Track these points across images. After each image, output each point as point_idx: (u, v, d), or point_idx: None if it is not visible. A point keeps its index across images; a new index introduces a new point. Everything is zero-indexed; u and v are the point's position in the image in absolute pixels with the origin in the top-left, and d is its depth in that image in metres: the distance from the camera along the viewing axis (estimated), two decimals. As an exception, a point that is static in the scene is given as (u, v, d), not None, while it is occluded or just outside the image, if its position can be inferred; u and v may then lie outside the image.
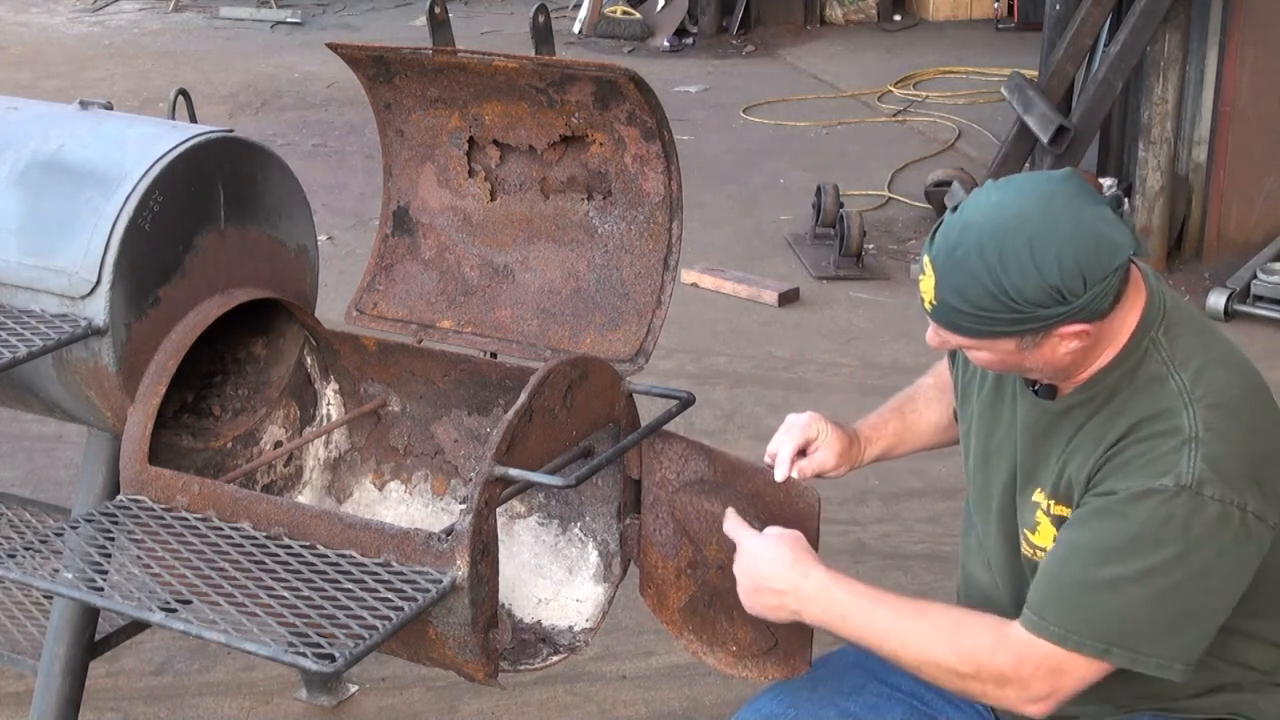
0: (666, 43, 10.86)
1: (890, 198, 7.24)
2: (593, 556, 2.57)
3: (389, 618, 2.01)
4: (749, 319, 5.77)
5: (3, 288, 2.42)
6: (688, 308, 5.58)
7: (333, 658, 1.92)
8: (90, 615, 2.66)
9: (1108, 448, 1.90)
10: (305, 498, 2.77)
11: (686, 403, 2.48)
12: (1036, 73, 6.91)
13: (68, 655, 2.64)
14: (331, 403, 2.78)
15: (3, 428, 4.61)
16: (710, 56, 10.66)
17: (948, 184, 6.61)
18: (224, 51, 10.97)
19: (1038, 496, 2.00)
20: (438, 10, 2.44)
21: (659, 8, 11.13)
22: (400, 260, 2.71)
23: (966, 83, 9.49)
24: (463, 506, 2.13)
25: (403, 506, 2.76)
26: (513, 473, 2.14)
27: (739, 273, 6.12)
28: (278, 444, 2.72)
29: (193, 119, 2.63)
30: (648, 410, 2.45)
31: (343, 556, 2.15)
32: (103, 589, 2.17)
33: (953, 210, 1.89)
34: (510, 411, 2.17)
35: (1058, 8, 6.48)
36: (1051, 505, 1.98)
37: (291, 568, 2.14)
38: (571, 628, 2.53)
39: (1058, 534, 1.95)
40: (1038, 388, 1.99)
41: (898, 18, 11.84)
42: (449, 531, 2.13)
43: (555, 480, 2.19)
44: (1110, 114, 6.28)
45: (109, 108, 2.62)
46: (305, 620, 2.02)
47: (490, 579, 2.14)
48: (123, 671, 3.44)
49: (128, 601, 2.11)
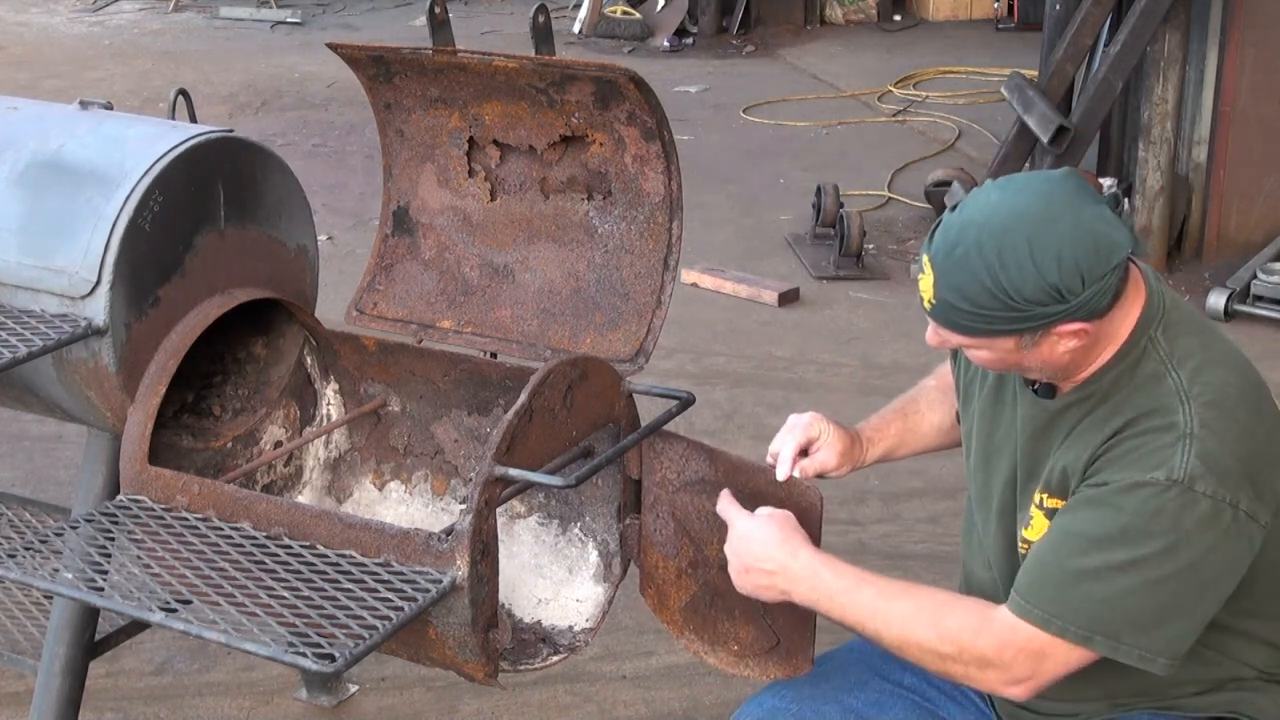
0: (666, 43, 10.86)
1: (890, 198, 7.24)
2: (593, 556, 2.57)
3: (389, 618, 2.01)
4: (749, 319, 5.76)
5: (3, 288, 2.42)
6: (688, 308, 5.58)
7: (333, 658, 1.92)
8: (90, 615, 2.66)
9: (1103, 441, 1.90)
10: (305, 498, 2.77)
11: (686, 403, 2.48)
12: (1036, 73, 6.91)
13: (68, 655, 2.64)
14: (331, 403, 2.78)
15: (3, 428, 4.61)
16: (710, 56, 10.66)
17: (948, 184, 6.61)
18: (224, 51, 10.97)
19: (1037, 495, 2.00)
20: (438, 10, 2.45)
21: (659, 8, 11.12)
22: (400, 260, 2.71)
23: (966, 83, 9.48)
24: (463, 506, 2.13)
25: (403, 506, 2.76)
26: (513, 473, 2.14)
27: (739, 273, 6.12)
28: (278, 444, 2.72)
29: (193, 119, 2.63)
30: (648, 410, 2.45)
31: (343, 556, 2.15)
32: (103, 589, 2.17)
33: (952, 209, 1.89)
34: (510, 411, 2.17)
35: (1058, 8, 6.48)
36: (1045, 499, 1.98)
37: (291, 568, 2.14)
38: (571, 628, 2.53)
39: (1050, 523, 1.96)
40: (1037, 387, 2.00)
41: (898, 18, 11.83)
42: (449, 531, 2.13)
43: (555, 480, 2.19)
44: (1110, 114, 6.28)
45: (109, 108, 2.62)
46: (305, 620, 2.02)
47: (490, 579, 2.14)
48: (123, 671, 3.44)
49: (128, 601, 2.11)
